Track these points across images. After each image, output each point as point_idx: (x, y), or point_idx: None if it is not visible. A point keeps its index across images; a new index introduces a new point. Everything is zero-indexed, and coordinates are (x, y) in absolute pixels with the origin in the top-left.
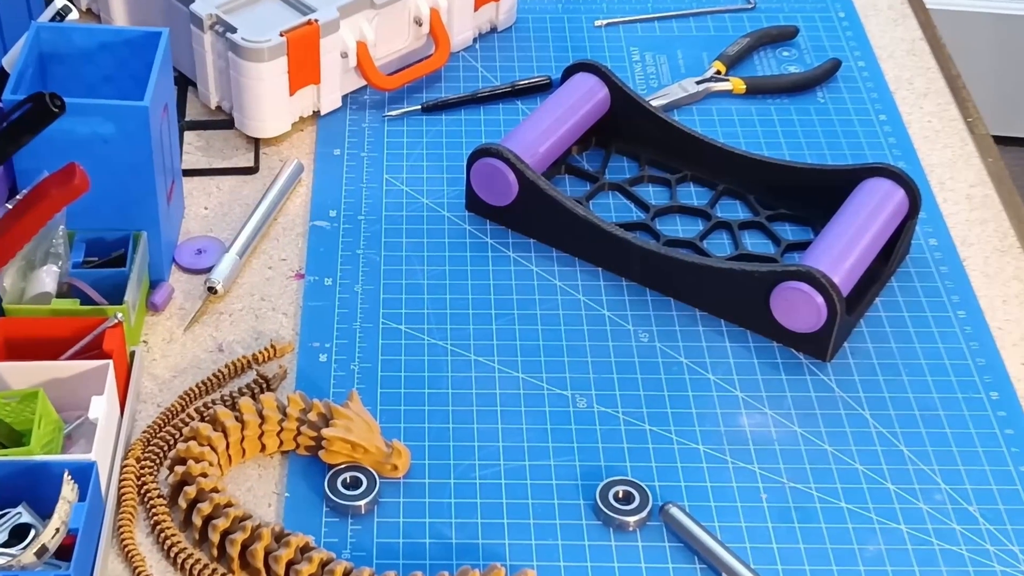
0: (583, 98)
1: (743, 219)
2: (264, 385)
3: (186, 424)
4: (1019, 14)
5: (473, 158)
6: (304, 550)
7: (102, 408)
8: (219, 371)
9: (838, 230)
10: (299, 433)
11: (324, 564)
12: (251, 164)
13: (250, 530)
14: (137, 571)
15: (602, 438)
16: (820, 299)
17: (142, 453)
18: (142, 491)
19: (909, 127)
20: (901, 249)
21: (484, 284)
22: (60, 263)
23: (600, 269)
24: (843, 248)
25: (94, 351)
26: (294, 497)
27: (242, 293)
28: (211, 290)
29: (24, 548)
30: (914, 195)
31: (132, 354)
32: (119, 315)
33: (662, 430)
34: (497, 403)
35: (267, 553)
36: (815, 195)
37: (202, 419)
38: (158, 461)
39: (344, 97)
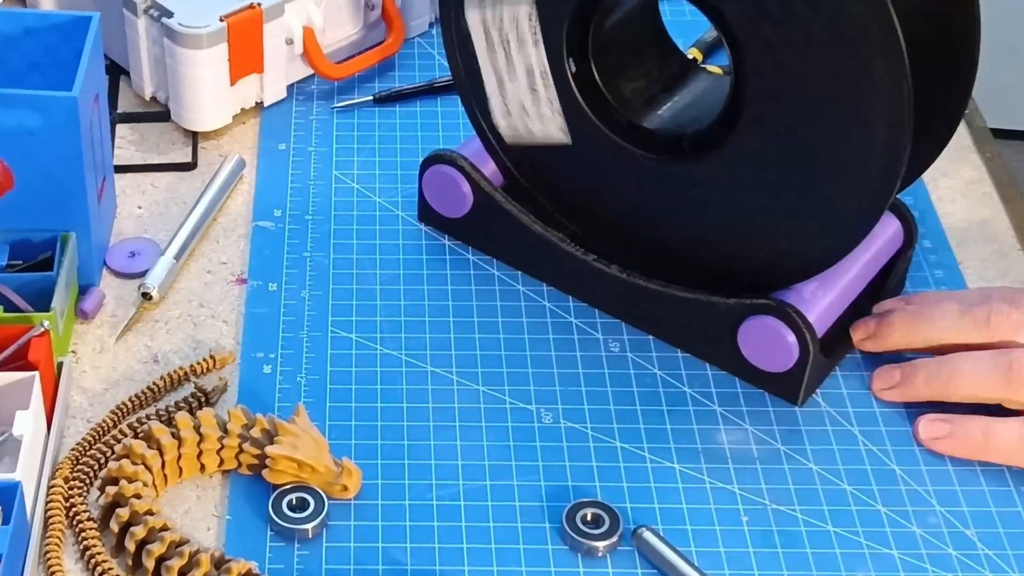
0: None
1: None
2: (203, 399)
3: (118, 441)
4: None
5: (425, 166)
6: None
7: (28, 424)
8: (154, 384)
9: None
10: (241, 451)
11: None
12: (189, 159)
13: (188, 556)
14: None
15: (569, 456)
16: (792, 338)
17: (71, 472)
18: (71, 513)
19: None
20: (893, 284)
21: (442, 290)
22: None
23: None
24: (822, 282)
25: (18, 362)
26: (236, 520)
27: (179, 299)
28: (145, 296)
29: None
30: (910, 226)
31: (60, 365)
32: (46, 323)
33: (634, 447)
34: (456, 418)
35: None
36: None
37: (136, 436)
38: (88, 481)
39: (290, 87)
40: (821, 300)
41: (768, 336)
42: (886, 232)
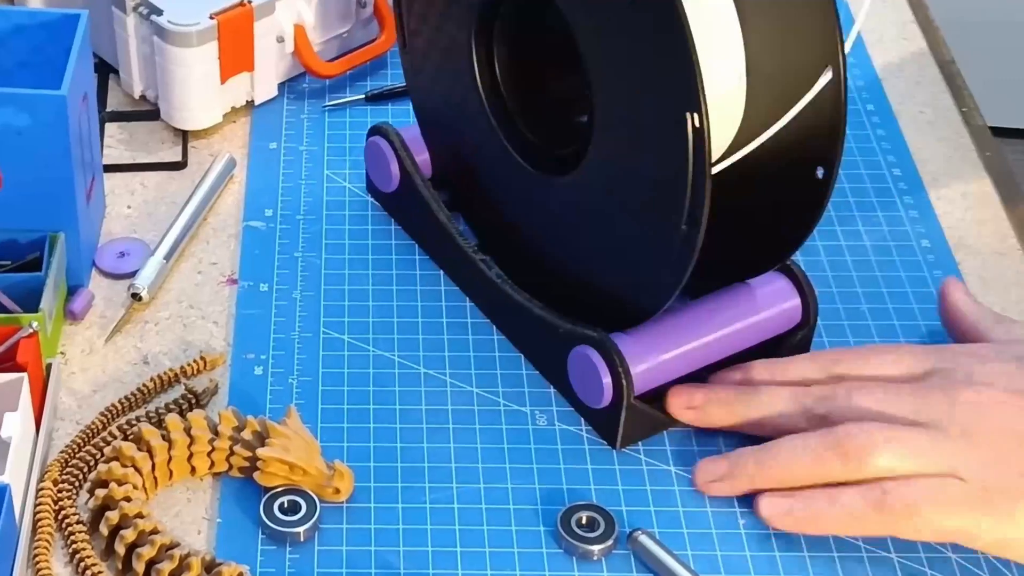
0: None
1: None
2: (193, 401)
3: (108, 443)
4: None
5: (368, 135)
6: None
7: (16, 426)
8: (144, 385)
9: (695, 310)
10: (232, 453)
11: None
12: (179, 159)
13: (178, 559)
14: None
15: (564, 459)
16: (607, 378)
17: (60, 475)
18: (60, 516)
19: (899, 118)
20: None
21: (435, 291)
22: None
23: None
24: (683, 331)
25: (7, 364)
26: (226, 523)
27: (169, 300)
28: (135, 297)
29: None
30: (808, 304)
31: (48, 367)
32: (34, 324)
33: (630, 450)
34: (449, 420)
35: None
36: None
37: (125, 438)
38: (77, 484)
39: (281, 86)
40: (666, 349)
41: (587, 369)
42: (773, 305)
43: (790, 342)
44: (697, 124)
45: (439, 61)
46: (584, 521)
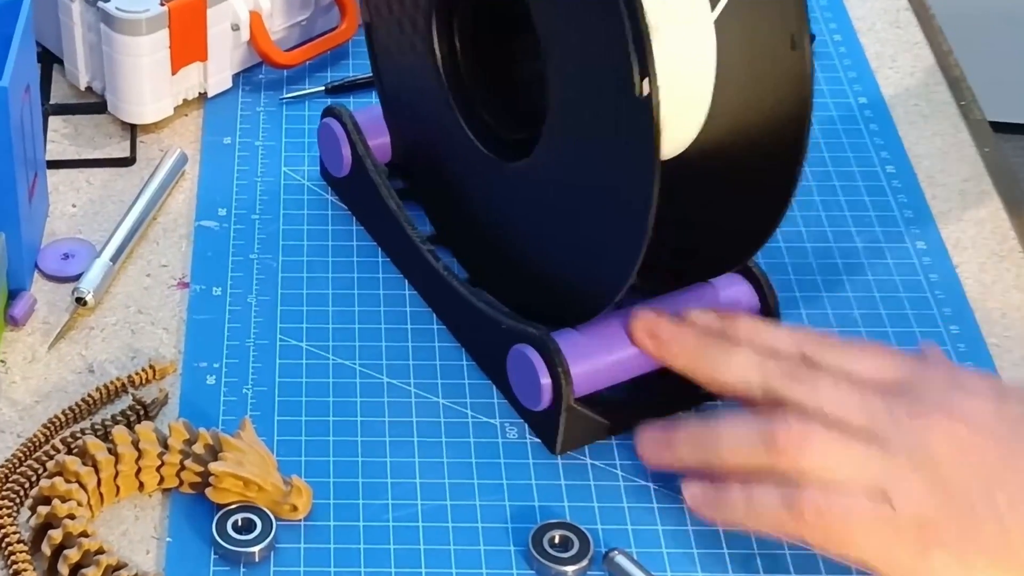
0: None
1: None
2: (142, 412)
3: (50, 457)
4: None
5: (321, 116)
6: None
7: None
8: (89, 396)
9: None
10: (182, 468)
11: None
12: (127, 154)
13: None
14: None
15: (536, 474)
16: (546, 378)
17: None
18: (0, 535)
19: (893, 111)
20: None
21: (399, 295)
22: None
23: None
24: (613, 338)
25: None
26: (177, 542)
27: (116, 305)
28: (80, 301)
29: None
30: (768, 312)
31: None
32: None
33: (605, 464)
34: (414, 433)
35: None
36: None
37: (69, 452)
38: (18, 500)
39: (235, 76)
40: (599, 351)
41: (525, 369)
42: (731, 308)
43: None
44: (646, 91)
45: (402, 41)
46: (557, 540)
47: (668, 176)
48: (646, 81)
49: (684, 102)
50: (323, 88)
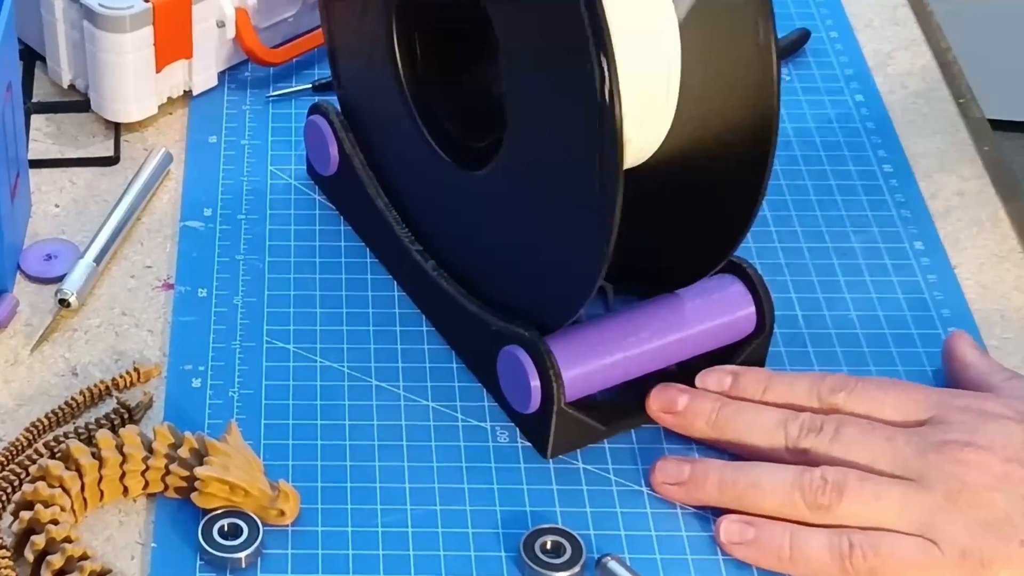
0: None
1: None
2: (126, 416)
3: (33, 462)
4: None
5: (308, 114)
6: None
7: None
8: (73, 399)
9: (638, 315)
10: (167, 472)
11: None
12: (111, 153)
13: None
14: None
15: (527, 478)
16: (536, 381)
17: None
18: None
19: (890, 110)
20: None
21: (388, 296)
22: None
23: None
24: (623, 335)
25: None
26: (162, 548)
27: (100, 306)
28: (63, 303)
29: None
30: (764, 313)
31: None
32: None
33: (598, 469)
34: (403, 437)
35: None
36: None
37: (52, 456)
38: (0, 506)
39: (221, 74)
40: (591, 354)
41: (515, 371)
42: (725, 311)
43: (744, 352)
44: (608, 98)
45: (362, 49)
46: (549, 546)
47: (633, 184)
48: (608, 88)
49: (648, 108)
50: (310, 86)
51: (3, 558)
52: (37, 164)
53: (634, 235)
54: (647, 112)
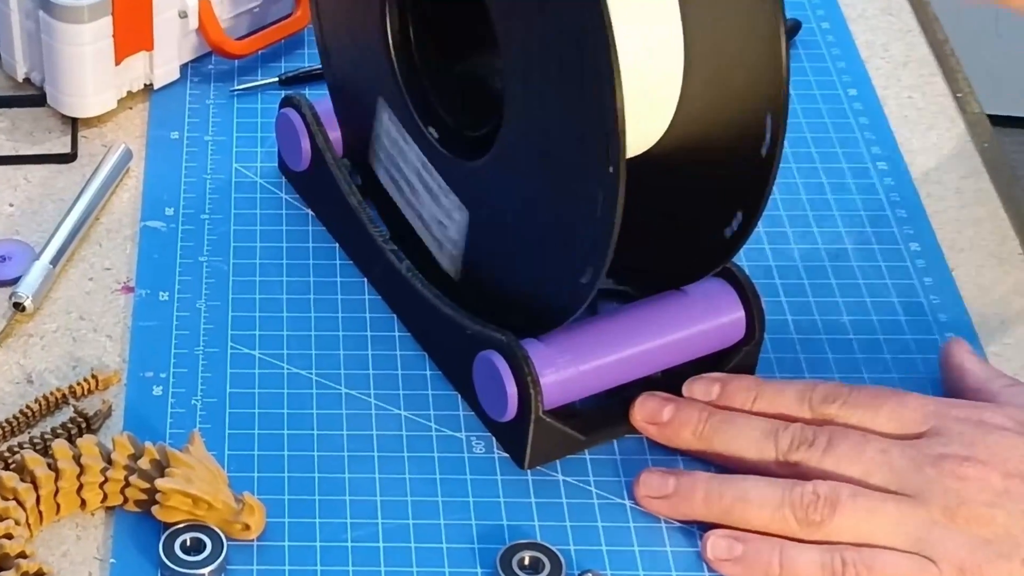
0: None
1: None
2: (84, 425)
3: None
4: None
5: (280, 107)
6: None
7: None
8: (27, 407)
9: (622, 319)
10: (127, 484)
11: None
12: (68, 150)
13: None
14: None
15: (504, 491)
16: (512, 387)
17: None
18: None
19: (885, 104)
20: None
21: (359, 300)
22: None
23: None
24: (605, 340)
25: None
26: (121, 563)
27: (56, 310)
28: (17, 307)
29: None
30: (753, 319)
31: None
32: None
33: (579, 481)
34: (374, 447)
35: None
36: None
37: (6, 467)
38: None
39: (183, 67)
40: (571, 359)
41: (491, 376)
42: (713, 316)
43: (732, 359)
44: (609, 87)
45: (353, 31)
46: (527, 562)
47: (633, 176)
48: (609, 76)
49: (650, 95)
50: (276, 79)
51: None
52: None
53: (631, 233)
54: (649, 98)
